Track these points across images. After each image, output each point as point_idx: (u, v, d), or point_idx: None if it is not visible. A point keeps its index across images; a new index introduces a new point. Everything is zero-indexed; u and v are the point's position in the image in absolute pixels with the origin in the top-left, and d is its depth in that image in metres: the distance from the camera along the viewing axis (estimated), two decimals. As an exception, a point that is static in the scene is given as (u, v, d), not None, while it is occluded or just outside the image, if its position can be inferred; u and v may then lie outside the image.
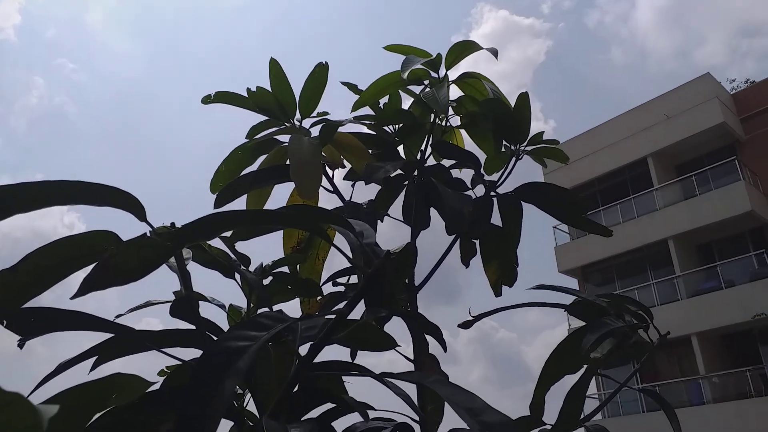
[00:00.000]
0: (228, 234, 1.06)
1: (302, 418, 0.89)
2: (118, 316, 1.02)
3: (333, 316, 0.84)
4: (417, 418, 1.26)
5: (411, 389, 1.23)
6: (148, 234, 0.67)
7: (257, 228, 0.76)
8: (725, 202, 15.34)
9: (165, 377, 1.11)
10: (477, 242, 1.42)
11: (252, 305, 1.13)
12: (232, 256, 1.09)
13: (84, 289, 0.65)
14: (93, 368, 0.87)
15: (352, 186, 1.31)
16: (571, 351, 1.28)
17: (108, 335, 0.83)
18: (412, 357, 1.32)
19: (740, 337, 15.36)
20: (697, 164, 17.02)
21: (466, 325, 1.28)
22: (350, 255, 0.83)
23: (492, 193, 1.28)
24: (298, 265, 1.27)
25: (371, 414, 1.24)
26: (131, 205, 0.72)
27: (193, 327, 0.89)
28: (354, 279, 1.22)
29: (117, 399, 0.59)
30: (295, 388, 0.83)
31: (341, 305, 0.81)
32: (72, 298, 0.67)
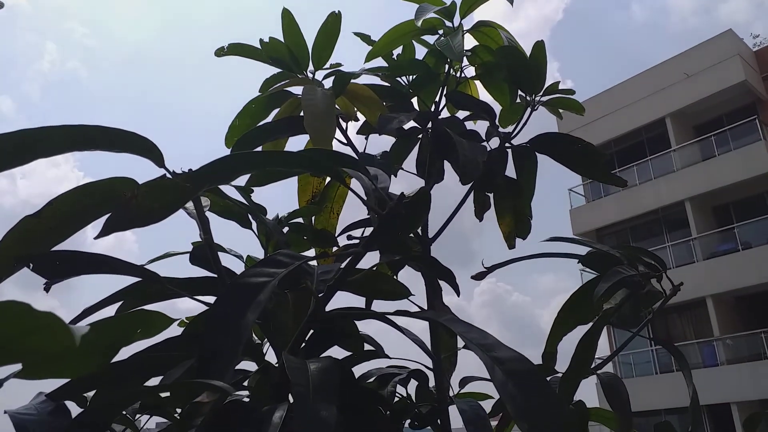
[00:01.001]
0: (244, 183, 1.07)
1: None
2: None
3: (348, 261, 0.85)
4: (431, 366, 1.29)
5: (425, 338, 1.25)
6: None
7: (274, 173, 0.77)
8: (744, 162, 15.10)
9: (184, 327, 1.14)
10: (491, 196, 1.43)
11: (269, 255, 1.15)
12: (249, 207, 1.10)
13: (107, 229, 0.67)
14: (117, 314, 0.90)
15: (366, 140, 1.32)
16: (584, 301, 1.29)
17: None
18: (425, 307, 1.34)
19: (755, 299, 15.31)
20: (717, 124, 16.70)
21: (479, 276, 1.29)
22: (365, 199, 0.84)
23: (506, 145, 1.28)
24: (312, 218, 1.28)
25: (386, 362, 1.27)
26: (150, 150, 0.73)
27: (214, 275, 0.92)
28: (369, 232, 1.24)
29: (141, 334, 0.61)
30: (311, 333, 0.85)
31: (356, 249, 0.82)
32: (96, 238, 0.68)
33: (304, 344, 0.81)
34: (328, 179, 1.33)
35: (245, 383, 0.82)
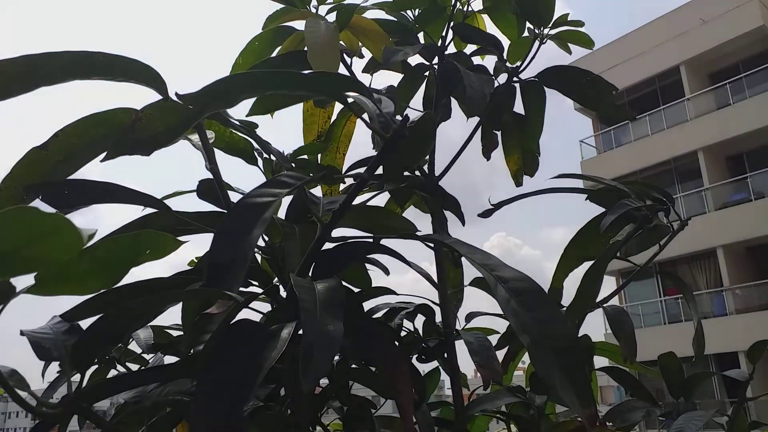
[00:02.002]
0: (247, 119, 1.07)
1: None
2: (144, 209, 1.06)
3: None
4: (437, 302, 1.31)
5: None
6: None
7: (277, 100, 0.77)
8: (759, 110, 14.82)
9: (193, 266, 1.16)
10: (498, 134, 1.42)
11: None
12: (254, 143, 1.10)
13: (112, 153, 0.67)
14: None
15: (371, 77, 1.30)
16: (591, 237, 1.29)
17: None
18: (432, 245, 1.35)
19: (766, 249, 15.26)
20: (732, 72, 16.32)
21: (486, 213, 1.29)
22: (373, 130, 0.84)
23: (514, 79, 1.26)
24: (318, 157, 1.28)
25: (393, 299, 1.29)
26: (153, 80, 0.73)
27: (222, 210, 0.92)
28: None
29: (150, 255, 0.62)
30: (316, 264, 0.86)
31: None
32: (102, 162, 0.69)
33: (310, 274, 0.83)
34: (333, 118, 1.32)
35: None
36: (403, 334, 1.25)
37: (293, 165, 1.12)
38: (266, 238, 0.97)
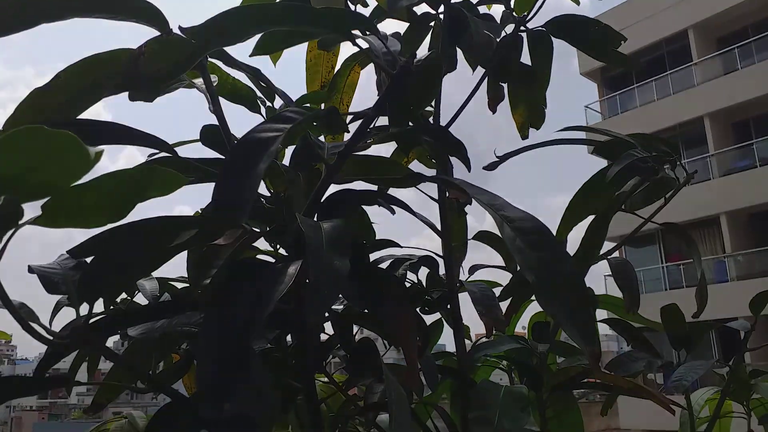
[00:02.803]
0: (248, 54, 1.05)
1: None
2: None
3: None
4: (441, 254, 1.31)
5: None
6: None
7: (281, 38, 0.76)
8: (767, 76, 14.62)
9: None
10: (504, 86, 1.40)
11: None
12: (257, 92, 1.09)
13: (115, 89, 0.66)
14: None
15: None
16: (596, 190, 1.29)
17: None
18: (437, 201, 1.35)
19: (770, 216, 15.26)
20: (741, 36, 16.04)
21: (491, 166, 1.28)
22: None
23: (522, 29, 1.24)
24: (322, 106, 1.27)
25: (397, 251, 1.30)
26: (153, 16, 0.72)
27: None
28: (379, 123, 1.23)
29: (156, 190, 0.62)
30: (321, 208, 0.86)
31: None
32: (104, 97, 0.68)
33: (315, 217, 0.83)
34: (337, 68, 1.30)
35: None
36: (406, 286, 1.26)
37: (297, 114, 1.11)
38: (270, 188, 0.97)
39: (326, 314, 0.93)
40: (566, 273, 0.66)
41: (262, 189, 0.98)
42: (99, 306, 0.69)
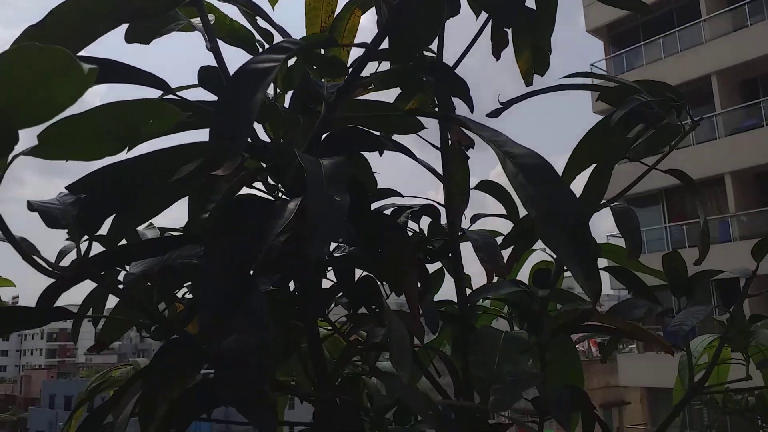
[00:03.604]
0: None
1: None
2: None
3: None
4: (443, 203, 1.31)
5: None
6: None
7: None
8: (778, 32, 14.34)
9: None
10: (509, 32, 1.37)
11: (279, 90, 1.13)
12: (256, 34, 1.07)
13: (111, 23, 0.65)
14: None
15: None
16: (600, 137, 1.27)
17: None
18: (439, 149, 1.33)
19: (775, 175, 15.17)
20: (753, -9, 15.66)
21: (495, 113, 1.27)
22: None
23: (526, -30, 1.20)
24: (322, 51, 1.25)
25: (398, 201, 1.29)
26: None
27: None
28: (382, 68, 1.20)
29: (154, 125, 0.61)
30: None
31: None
32: (99, 35, 0.67)
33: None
34: (337, 11, 1.28)
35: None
36: (407, 231, 1.26)
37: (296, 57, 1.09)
38: (271, 134, 0.96)
39: (327, 257, 0.93)
40: (569, 209, 0.66)
41: (263, 136, 0.97)
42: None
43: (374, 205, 1.25)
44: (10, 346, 66.35)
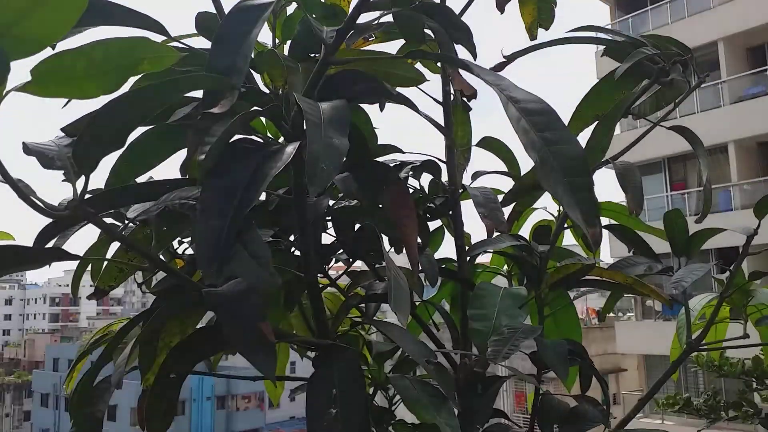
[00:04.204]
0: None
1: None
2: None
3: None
4: (444, 159, 1.30)
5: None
6: None
7: None
8: (787, -3, 14.06)
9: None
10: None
11: (278, 40, 1.11)
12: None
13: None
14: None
15: None
16: (605, 92, 1.25)
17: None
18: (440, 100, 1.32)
19: (778, 144, 15.06)
20: (763, -45, 15.30)
21: (499, 66, 1.25)
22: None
23: None
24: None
25: (398, 157, 1.28)
26: None
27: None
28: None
29: (148, 65, 0.60)
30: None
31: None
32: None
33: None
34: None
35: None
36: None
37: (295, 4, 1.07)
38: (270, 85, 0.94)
39: (326, 209, 0.93)
40: (571, 154, 0.65)
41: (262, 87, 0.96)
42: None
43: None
44: (13, 311, 67.00)
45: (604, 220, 1.41)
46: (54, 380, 33.84)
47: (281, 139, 0.92)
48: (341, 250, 1.18)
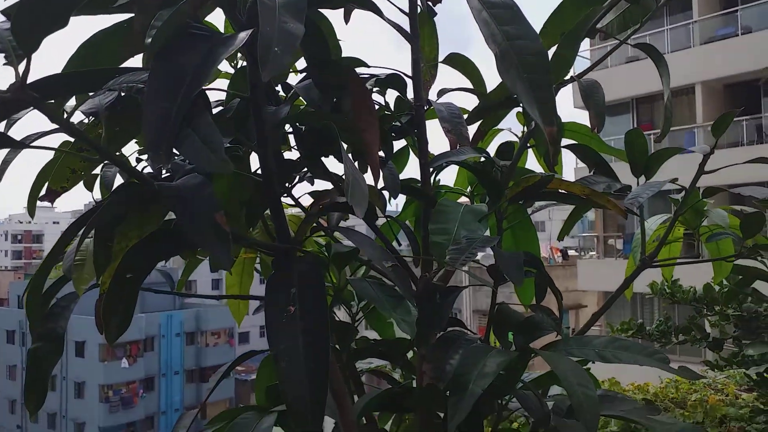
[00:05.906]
0: None
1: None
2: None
3: None
4: (410, 75, 1.28)
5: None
6: None
7: None
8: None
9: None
10: None
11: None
12: None
13: None
14: None
15: None
16: (571, 9, 1.24)
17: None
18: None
19: (744, 87, 15.24)
20: None
21: None
22: None
23: None
24: None
25: (364, 71, 1.26)
26: None
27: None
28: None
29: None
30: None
31: None
32: None
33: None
34: None
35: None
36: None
37: None
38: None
39: (285, 115, 0.91)
40: (531, 52, 0.64)
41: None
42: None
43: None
44: (-25, 248, 65.62)
45: (567, 141, 1.42)
46: (19, 317, 33.61)
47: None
48: (305, 168, 1.17)
